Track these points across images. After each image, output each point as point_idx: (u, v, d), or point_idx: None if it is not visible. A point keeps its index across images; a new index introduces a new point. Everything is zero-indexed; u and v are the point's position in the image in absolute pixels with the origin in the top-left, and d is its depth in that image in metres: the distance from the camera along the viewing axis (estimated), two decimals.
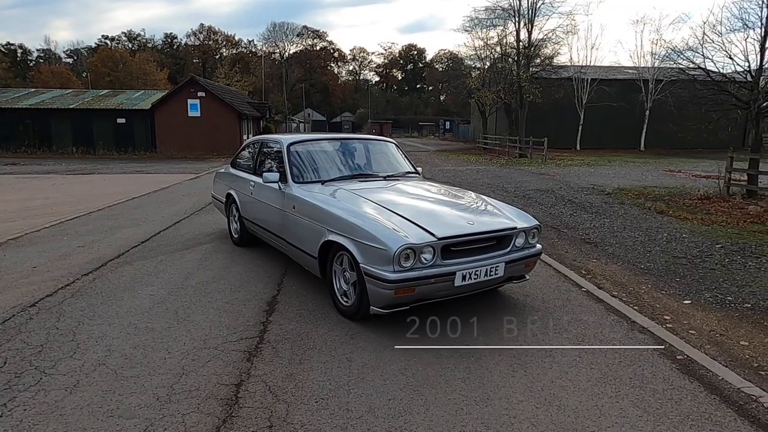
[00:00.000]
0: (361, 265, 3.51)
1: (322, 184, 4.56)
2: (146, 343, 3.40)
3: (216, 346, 3.35)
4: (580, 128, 31.37)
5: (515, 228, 3.91)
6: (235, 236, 6.16)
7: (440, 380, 2.95)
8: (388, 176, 4.94)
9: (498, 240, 3.85)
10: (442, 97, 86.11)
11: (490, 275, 3.73)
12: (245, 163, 5.96)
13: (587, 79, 30.37)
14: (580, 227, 7.64)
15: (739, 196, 10.03)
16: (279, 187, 4.68)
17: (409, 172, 5.25)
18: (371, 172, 4.99)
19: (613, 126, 31.87)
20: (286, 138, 5.05)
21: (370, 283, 3.46)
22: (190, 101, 25.77)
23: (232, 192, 6.02)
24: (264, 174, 4.65)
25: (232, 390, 2.81)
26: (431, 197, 4.41)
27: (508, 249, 3.90)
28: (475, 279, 3.65)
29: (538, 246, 4.16)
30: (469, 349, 3.33)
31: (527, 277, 4.25)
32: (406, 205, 4.00)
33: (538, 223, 4.13)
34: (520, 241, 3.98)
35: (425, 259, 3.47)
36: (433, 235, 3.48)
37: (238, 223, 6.00)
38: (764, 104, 10.17)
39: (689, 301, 4.40)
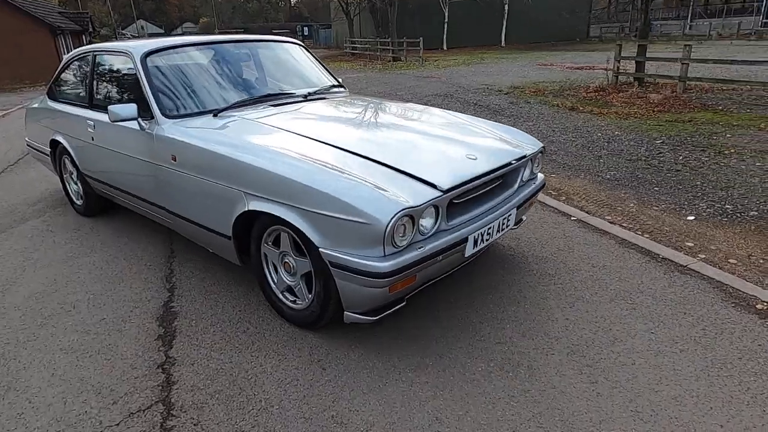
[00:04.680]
0: (321, 250, 2.10)
1: (214, 115, 2.88)
2: None
3: None
4: (445, 27, 30.58)
5: (525, 156, 2.72)
6: (78, 203, 4.20)
7: (480, 401, 1.79)
8: (309, 95, 3.36)
9: (503, 177, 2.65)
10: (293, 0, 79.41)
11: (501, 229, 2.57)
12: (72, 92, 3.88)
13: None
14: None
15: (636, 85, 9.93)
16: (140, 126, 2.89)
17: (333, 86, 3.71)
18: (282, 91, 3.36)
19: (474, 23, 31.61)
20: (137, 46, 3.14)
21: (344, 278, 2.08)
22: None
23: (60, 138, 3.95)
24: (110, 108, 2.80)
25: None
26: (392, 123, 2.97)
27: (516, 187, 2.73)
28: (487, 240, 2.46)
29: (541, 175, 3.05)
30: (501, 342, 2.21)
31: (524, 219, 3.17)
32: (368, 140, 2.56)
33: (542, 144, 2.98)
34: (527, 173, 2.83)
35: (425, 226, 2.16)
36: (434, 186, 2.15)
37: (79, 184, 4.04)
38: None
39: (693, 217, 3.71)
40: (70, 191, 4.29)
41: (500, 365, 2.14)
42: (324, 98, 3.38)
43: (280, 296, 2.52)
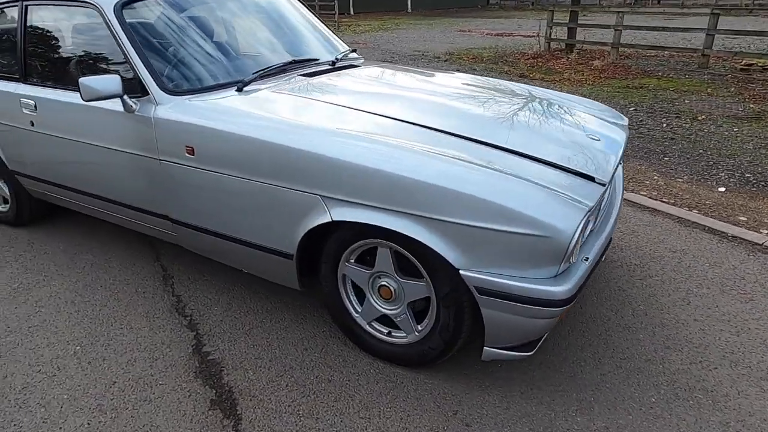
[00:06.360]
0: (464, 273, 1.55)
1: (238, 90, 2.13)
2: None
3: None
4: None
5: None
6: (2, 209, 3.15)
7: None
8: (335, 62, 2.68)
9: None
10: None
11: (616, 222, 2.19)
12: None
13: None
14: None
15: (575, 52, 10.04)
16: (126, 106, 2.07)
17: (350, 51, 3.03)
18: (303, 57, 2.63)
19: None
20: None
21: (497, 307, 1.57)
22: None
23: None
24: (83, 82, 1.94)
25: None
26: (476, 100, 2.34)
27: (617, 170, 2.35)
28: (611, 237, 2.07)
29: None
30: (650, 359, 1.85)
31: None
32: (474, 123, 1.97)
33: (625, 117, 2.62)
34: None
35: (586, 231, 1.70)
36: (592, 179, 1.68)
37: (4, 184, 3.02)
38: None
39: (723, 189, 3.62)
40: None
41: (673, 392, 1.77)
42: (355, 66, 2.72)
43: (367, 328, 1.94)
